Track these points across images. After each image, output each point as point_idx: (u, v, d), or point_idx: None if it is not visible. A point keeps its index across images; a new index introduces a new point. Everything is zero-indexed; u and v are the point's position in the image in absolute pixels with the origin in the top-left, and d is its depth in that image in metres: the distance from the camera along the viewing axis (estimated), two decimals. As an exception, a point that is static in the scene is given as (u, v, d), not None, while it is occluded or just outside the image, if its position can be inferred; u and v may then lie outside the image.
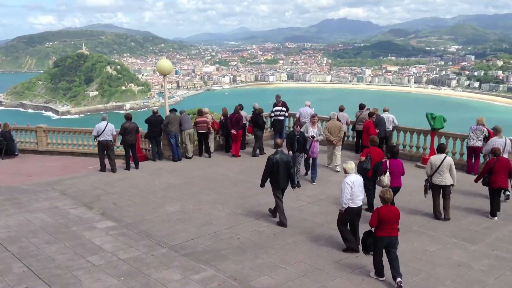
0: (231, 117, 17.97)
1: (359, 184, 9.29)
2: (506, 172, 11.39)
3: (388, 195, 8.19)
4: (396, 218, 8.16)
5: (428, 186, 11.34)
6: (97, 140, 16.34)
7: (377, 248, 8.20)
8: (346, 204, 9.17)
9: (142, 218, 11.42)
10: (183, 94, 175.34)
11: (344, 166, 9.51)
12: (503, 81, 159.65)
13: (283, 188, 11.00)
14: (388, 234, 8.08)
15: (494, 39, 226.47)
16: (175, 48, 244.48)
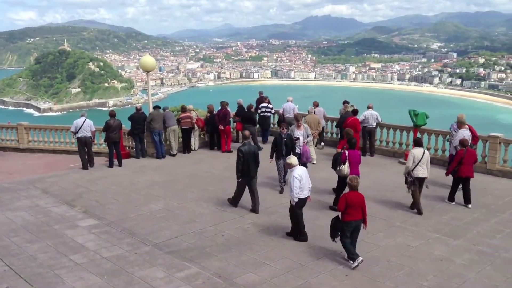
0: (218, 112, 18.14)
1: (306, 176, 9.82)
2: (472, 162, 12.14)
3: (355, 182, 8.79)
4: (361, 203, 8.77)
5: (413, 180, 11.45)
6: (76, 137, 16.29)
7: (345, 232, 8.71)
8: (297, 196, 9.65)
9: (125, 216, 11.33)
10: (167, 91, 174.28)
11: (288, 161, 10.04)
12: (484, 78, 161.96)
13: (252, 177, 11.56)
14: (354, 218, 8.70)
15: (476, 36, 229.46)
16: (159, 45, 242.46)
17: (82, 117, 16.33)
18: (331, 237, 9.03)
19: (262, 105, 19.35)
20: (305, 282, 8.09)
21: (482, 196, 12.74)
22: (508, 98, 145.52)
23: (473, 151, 12.53)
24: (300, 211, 9.89)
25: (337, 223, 8.88)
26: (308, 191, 9.91)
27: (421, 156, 11.39)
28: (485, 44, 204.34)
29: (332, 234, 8.97)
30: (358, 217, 8.76)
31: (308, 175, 9.96)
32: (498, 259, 8.95)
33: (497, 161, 14.81)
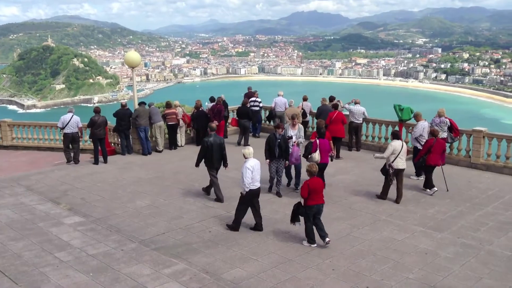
0: (213, 107, 18.38)
1: (257, 168, 10.07)
2: (441, 152, 12.69)
3: (314, 168, 9.33)
4: (321, 188, 9.37)
5: (394, 172, 11.71)
6: (63, 132, 16.33)
7: (308, 216, 9.23)
8: (248, 187, 9.87)
9: (111, 213, 11.26)
10: (153, 87, 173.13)
11: (243, 152, 10.33)
12: (468, 73, 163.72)
13: (217, 168, 12.18)
14: (317, 202, 9.25)
15: (460, 32, 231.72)
16: (144, 40, 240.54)
17: (69, 113, 16.36)
18: (291, 221, 9.54)
19: (251, 99, 19.61)
20: (292, 276, 8.13)
21: (467, 190, 12.91)
22: (491, 92, 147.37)
23: (442, 141, 13.05)
24: (247, 203, 10.13)
25: (298, 209, 9.39)
26: (259, 182, 10.19)
27: (400, 149, 11.72)
28: (469, 39, 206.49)
29: (293, 218, 9.48)
30: (320, 201, 9.31)
31: (260, 167, 10.20)
32: (482, 251, 9.07)
33: (481, 155, 15.00)
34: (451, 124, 14.82)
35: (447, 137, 14.96)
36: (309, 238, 9.34)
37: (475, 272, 8.24)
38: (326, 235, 9.24)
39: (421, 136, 13.92)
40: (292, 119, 13.10)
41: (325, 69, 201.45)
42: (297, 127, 12.98)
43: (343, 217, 10.94)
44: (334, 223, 10.52)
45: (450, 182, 13.48)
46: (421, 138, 13.87)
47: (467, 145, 15.39)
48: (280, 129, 12.06)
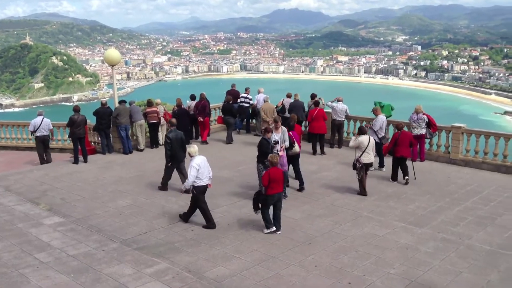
0: (197, 104, 18.47)
1: (204, 165, 10.22)
2: (408, 144, 13.21)
3: (275, 159, 9.81)
4: (281, 177, 9.80)
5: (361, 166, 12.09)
6: (34, 135, 16.47)
7: (267, 204, 9.77)
8: (194, 182, 10.05)
9: (92, 213, 11.13)
10: (134, 85, 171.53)
11: (188, 151, 10.47)
12: (448, 70, 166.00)
13: (180, 161, 12.59)
14: (277, 191, 9.72)
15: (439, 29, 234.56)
16: (124, 38, 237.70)
17: (39, 116, 16.50)
18: (253, 209, 9.96)
19: (242, 95, 19.96)
20: (275, 273, 8.14)
21: (446, 186, 13.09)
22: (470, 89, 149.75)
23: (409, 133, 13.64)
24: (202, 198, 10.28)
25: (259, 197, 9.87)
26: (208, 179, 10.34)
27: (367, 143, 12.12)
28: (448, 36, 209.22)
29: (255, 206, 9.92)
30: (280, 190, 9.82)
31: (207, 164, 10.34)
32: (461, 246, 9.22)
33: (460, 150, 15.23)
34: (429, 120, 15.09)
35: (425, 133, 15.22)
36: (267, 223, 9.86)
37: (454, 267, 8.37)
38: (279, 228, 9.86)
39: (380, 129, 14.47)
40: (275, 122, 12.32)
41: (307, 66, 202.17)
42: (280, 130, 12.13)
43: (325, 213, 11.01)
44: (316, 220, 10.58)
45: (430, 178, 13.73)
46: (380, 132, 14.47)
47: (446, 141, 15.62)
48: (269, 133, 11.45)
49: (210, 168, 10.41)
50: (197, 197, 10.21)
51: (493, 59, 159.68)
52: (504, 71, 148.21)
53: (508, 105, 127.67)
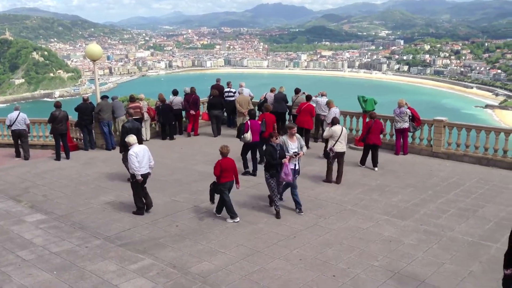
0: (187, 98, 18.75)
1: (143, 154, 10.50)
2: (379, 132, 14.05)
3: (225, 150, 10.18)
4: (232, 167, 10.21)
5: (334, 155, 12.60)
6: (10, 130, 16.63)
7: (224, 192, 10.16)
8: (138, 171, 10.31)
9: (75, 210, 11.01)
10: (117, 80, 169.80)
11: (126, 139, 10.68)
12: (430, 65, 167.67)
13: None
14: (229, 179, 10.18)
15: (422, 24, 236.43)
16: (106, 33, 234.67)
17: (16, 110, 16.58)
18: (210, 200, 10.42)
19: (226, 90, 20.01)
20: (260, 268, 8.16)
21: (428, 178, 13.24)
22: (452, 83, 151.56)
23: (380, 123, 14.36)
24: (140, 186, 10.57)
25: (215, 187, 10.27)
26: (148, 168, 10.66)
27: (339, 133, 12.53)
28: (430, 31, 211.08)
29: (211, 197, 10.39)
30: (231, 178, 10.25)
31: (149, 153, 10.66)
32: (444, 238, 9.34)
33: (442, 144, 15.41)
34: (412, 114, 15.24)
35: (409, 126, 15.36)
36: (231, 213, 10.21)
37: (437, 258, 8.48)
38: (235, 216, 10.22)
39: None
40: (289, 129, 10.86)
41: (291, 61, 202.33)
42: (295, 138, 10.86)
43: (310, 207, 11.04)
44: (300, 214, 10.61)
45: (413, 171, 13.89)
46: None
47: (429, 134, 15.78)
48: (275, 138, 10.37)
49: (151, 158, 10.79)
50: (135, 184, 10.54)
51: (474, 53, 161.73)
52: (485, 65, 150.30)
53: (489, 98, 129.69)
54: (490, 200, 11.42)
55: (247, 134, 13.21)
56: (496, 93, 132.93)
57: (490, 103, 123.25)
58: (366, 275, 7.91)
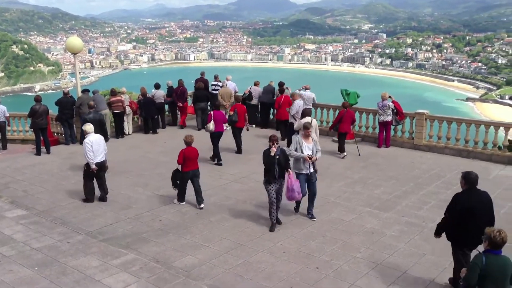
0: (176, 90, 19.03)
1: (98, 142, 10.81)
2: (350, 121, 14.75)
3: (189, 139, 10.63)
4: (196, 156, 10.64)
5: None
6: None
7: (185, 180, 10.59)
8: (93, 160, 10.61)
9: (56, 205, 10.87)
10: (98, 74, 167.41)
11: (83, 128, 11.13)
12: (412, 58, 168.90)
13: None
14: (192, 168, 10.55)
15: (404, 17, 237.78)
16: (87, 26, 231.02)
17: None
18: (172, 185, 10.77)
19: (212, 83, 20.03)
20: (244, 261, 8.17)
21: (410, 171, 13.39)
22: (434, 76, 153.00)
23: (352, 112, 15.04)
24: (91, 176, 10.85)
25: (177, 174, 10.66)
26: (103, 156, 11.01)
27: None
28: (412, 24, 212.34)
29: (173, 183, 10.73)
30: (195, 167, 10.61)
31: (103, 142, 11.02)
32: (425, 229, 9.45)
33: (423, 136, 15.58)
34: (396, 108, 15.35)
35: (392, 119, 15.48)
36: (180, 197, 10.81)
37: (418, 249, 8.60)
38: (202, 201, 10.60)
39: (296, 113, 14.96)
40: (305, 129, 9.88)
41: (275, 55, 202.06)
42: (311, 140, 9.89)
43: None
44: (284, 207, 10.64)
45: (395, 164, 14.03)
46: (296, 115, 14.93)
47: (411, 127, 15.94)
48: (273, 143, 9.28)
49: (106, 147, 11.12)
50: (87, 173, 10.81)
51: (455, 47, 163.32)
52: (466, 59, 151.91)
53: (470, 91, 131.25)
54: (470, 192, 11.58)
55: (209, 124, 13.67)
56: (477, 86, 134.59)
57: (471, 96, 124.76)
58: (348, 266, 7.98)
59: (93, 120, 13.02)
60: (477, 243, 6.49)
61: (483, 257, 5.39)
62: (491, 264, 5.34)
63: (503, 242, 5.39)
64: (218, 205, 10.85)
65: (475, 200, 6.72)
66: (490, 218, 6.69)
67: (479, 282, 5.38)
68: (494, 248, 5.40)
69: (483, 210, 6.69)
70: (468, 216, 6.61)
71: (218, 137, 14.01)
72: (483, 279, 5.36)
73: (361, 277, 7.66)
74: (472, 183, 6.86)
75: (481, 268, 5.33)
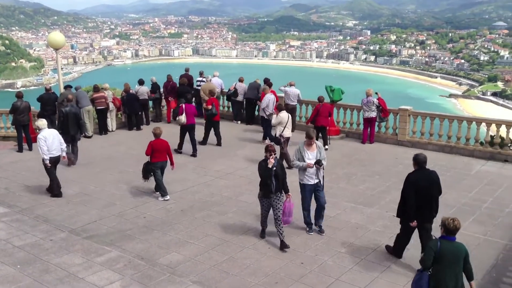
0: (166, 85, 19.21)
1: (53, 137, 10.97)
2: (327, 115, 14.97)
3: (158, 131, 10.94)
4: (165, 147, 10.90)
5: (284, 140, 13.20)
6: None
7: (156, 171, 10.84)
8: (47, 155, 10.74)
9: (38, 203, 10.74)
10: (81, 69, 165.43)
11: (36, 123, 11.35)
12: (396, 55, 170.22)
13: (72, 135, 13.56)
14: (160, 159, 10.85)
15: (388, 14, 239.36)
16: (70, 21, 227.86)
17: None
18: (143, 177, 10.99)
19: (198, 79, 19.98)
20: (229, 257, 8.17)
21: (394, 166, 13.51)
22: (417, 73, 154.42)
23: (328, 105, 15.27)
24: (52, 169, 10.99)
25: (147, 166, 10.91)
26: (60, 150, 11.14)
27: (287, 120, 13.11)
28: (396, 21, 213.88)
29: (144, 175, 10.96)
30: (163, 159, 10.91)
31: (58, 137, 11.15)
32: (408, 223, 9.54)
33: (406, 132, 15.73)
34: (380, 105, 15.44)
35: (376, 116, 15.60)
36: (161, 191, 10.90)
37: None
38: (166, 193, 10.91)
39: (266, 107, 15.61)
40: (308, 138, 9.04)
41: (260, 51, 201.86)
42: (315, 147, 9.06)
43: (278, 196, 11.09)
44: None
45: (379, 160, 14.14)
46: (266, 109, 15.60)
47: (394, 123, 16.08)
48: (270, 154, 8.47)
49: (62, 141, 11.25)
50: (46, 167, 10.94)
51: (438, 44, 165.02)
52: (449, 55, 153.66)
53: (453, 88, 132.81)
54: (453, 187, 11.74)
55: (181, 117, 14.13)
56: (460, 82, 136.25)
57: (454, 92, 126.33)
58: (333, 261, 8.04)
59: (69, 113, 13.23)
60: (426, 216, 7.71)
61: (438, 242, 5.95)
62: (445, 249, 5.89)
63: (456, 229, 5.95)
64: (203, 201, 10.83)
65: (424, 178, 7.68)
66: (437, 193, 7.81)
67: (434, 265, 5.91)
68: (448, 234, 5.95)
69: (431, 187, 7.68)
70: (418, 193, 7.56)
71: (190, 129, 14.41)
72: (437, 262, 5.90)
73: (345, 272, 7.72)
74: (420, 164, 7.77)
75: (435, 252, 5.89)
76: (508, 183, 12.07)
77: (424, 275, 6.00)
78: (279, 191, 8.55)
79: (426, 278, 5.97)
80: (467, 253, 5.99)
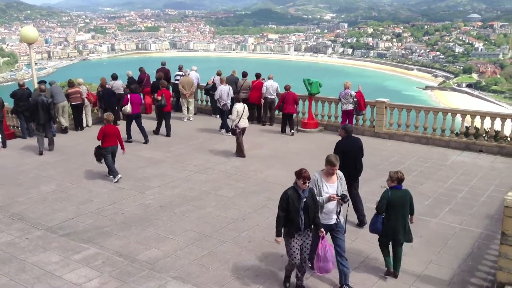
0: (142, 77, 19.62)
1: None
2: (293, 102, 15.86)
3: (109, 117, 11.70)
4: (115, 133, 11.65)
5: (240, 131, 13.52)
6: None
7: (106, 155, 11.54)
8: None
9: (13, 201, 10.50)
10: (56, 65, 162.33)
11: None
12: (373, 47, 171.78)
13: (43, 124, 14.08)
14: (111, 144, 11.56)
15: (365, 7, 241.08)
16: (44, 15, 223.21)
17: None
18: (96, 160, 11.68)
19: (177, 73, 19.87)
20: (209, 252, 8.15)
21: (371, 158, 13.60)
22: (394, 65, 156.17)
23: (293, 94, 16.06)
24: None
25: (99, 150, 11.57)
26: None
27: (242, 111, 13.49)
28: (373, 14, 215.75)
29: (97, 158, 11.63)
30: (114, 143, 11.64)
31: None
32: (386, 214, 9.65)
33: (383, 124, 15.88)
34: (357, 98, 15.52)
35: (353, 108, 15.71)
36: (111, 172, 11.63)
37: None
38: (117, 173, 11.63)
39: (220, 98, 16.22)
40: (330, 165, 7.13)
41: (238, 44, 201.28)
42: (336, 178, 7.27)
43: (258, 190, 11.12)
44: (249, 197, 10.68)
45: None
46: (220, 100, 16.23)
47: (371, 115, 16.22)
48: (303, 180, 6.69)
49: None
50: None
51: (414, 36, 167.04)
52: (425, 48, 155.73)
53: (429, 80, 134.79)
54: (429, 177, 11.93)
55: (126, 107, 14.71)
56: (435, 74, 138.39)
57: (430, 84, 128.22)
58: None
59: (38, 101, 13.67)
60: (352, 174, 9.06)
61: (389, 191, 7.28)
62: (394, 195, 7.23)
63: (400, 178, 7.27)
64: (182, 196, 10.76)
65: (350, 144, 9.25)
66: (360, 155, 9.50)
67: (387, 210, 7.24)
68: (396, 183, 7.27)
69: (355, 151, 9.30)
70: (345, 155, 8.73)
71: (136, 118, 15.07)
72: (389, 208, 7.23)
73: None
74: (348, 132, 9.36)
75: (387, 199, 7.22)
76: (482, 173, 12.31)
77: (379, 217, 7.31)
78: (309, 228, 6.85)
79: (380, 220, 7.30)
80: (411, 197, 7.40)
